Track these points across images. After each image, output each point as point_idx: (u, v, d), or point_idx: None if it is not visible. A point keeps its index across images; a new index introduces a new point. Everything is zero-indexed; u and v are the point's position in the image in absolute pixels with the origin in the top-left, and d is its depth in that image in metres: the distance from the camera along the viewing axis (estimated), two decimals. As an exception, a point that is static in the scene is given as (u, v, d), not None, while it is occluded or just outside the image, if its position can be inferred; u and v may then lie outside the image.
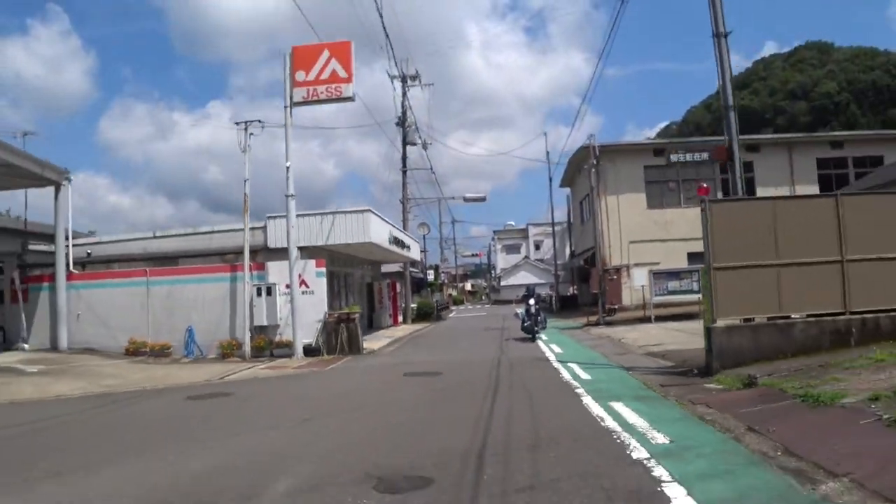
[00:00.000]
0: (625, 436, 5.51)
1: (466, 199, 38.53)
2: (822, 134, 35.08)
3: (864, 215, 9.51)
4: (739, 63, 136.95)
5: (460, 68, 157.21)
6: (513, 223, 71.43)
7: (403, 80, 33.19)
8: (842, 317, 9.31)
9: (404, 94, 33.47)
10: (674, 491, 3.96)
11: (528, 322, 17.71)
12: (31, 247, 19.80)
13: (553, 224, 44.25)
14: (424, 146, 35.56)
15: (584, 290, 35.45)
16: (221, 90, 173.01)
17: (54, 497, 4.67)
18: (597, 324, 21.98)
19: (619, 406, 6.89)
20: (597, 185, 26.08)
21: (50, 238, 20.20)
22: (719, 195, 28.41)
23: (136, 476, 5.19)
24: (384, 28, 34.66)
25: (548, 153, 56.57)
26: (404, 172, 33.70)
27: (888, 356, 7.64)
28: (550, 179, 40.56)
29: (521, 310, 18.62)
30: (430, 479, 4.44)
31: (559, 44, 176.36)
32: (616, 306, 24.34)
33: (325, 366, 13.75)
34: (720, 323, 9.25)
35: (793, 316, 9.59)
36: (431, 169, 37.38)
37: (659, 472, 4.38)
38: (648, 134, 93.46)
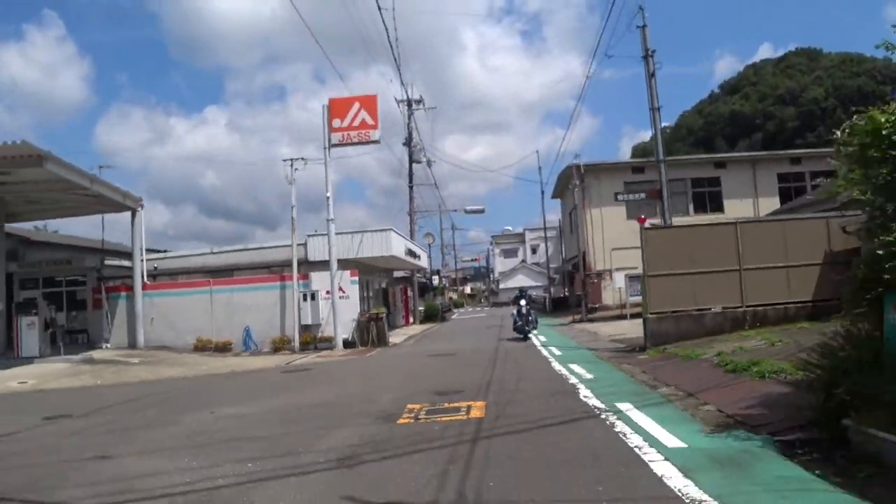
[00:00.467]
0: (569, 376, 9.56)
1: (467, 212, 42.67)
2: (782, 151, 38.81)
3: (754, 237, 13.47)
4: (733, 66, 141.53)
5: (456, 72, 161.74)
6: (510, 228, 75.48)
7: (409, 104, 37.18)
8: (740, 309, 13.24)
9: (410, 116, 37.46)
10: (583, 391, 7.98)
11: (520, 322, 18.94)
12: (106, 262, 23.72)
13: (545, 229, 48.24)
14: (429, 164, 39.63)
15: (572, 292, 39.48)
16: (218, 95, 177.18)
17: (255, 406, 8.57)
18: (580, 321, 26.00)
19: (573, 366, 10.89)
20: (581, 201, 30.07)
21: (121, 254, 24.21)
22: (691, 206, 32.83)
23: (291, 399, 9.17)
24: (398, 67, 38.59)
25: (539, 168, 60.57)
26: (411, 188, 37.64)
27: (753, 333, 11.60)
28: (542, 192, 44.61)
29: (515, 310, 20.23)
30: (462, 390, 8.51)
31: (555, 47, 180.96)
32: (597, 305, 28.34)
33: (363, 354, 17.69)
34: (652, 314, 13.21)
35: (712, 308, 13.53)
36: (435, 184, 41.52)
37: (580, 386, 8.42)
38: (643, 137, 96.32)
